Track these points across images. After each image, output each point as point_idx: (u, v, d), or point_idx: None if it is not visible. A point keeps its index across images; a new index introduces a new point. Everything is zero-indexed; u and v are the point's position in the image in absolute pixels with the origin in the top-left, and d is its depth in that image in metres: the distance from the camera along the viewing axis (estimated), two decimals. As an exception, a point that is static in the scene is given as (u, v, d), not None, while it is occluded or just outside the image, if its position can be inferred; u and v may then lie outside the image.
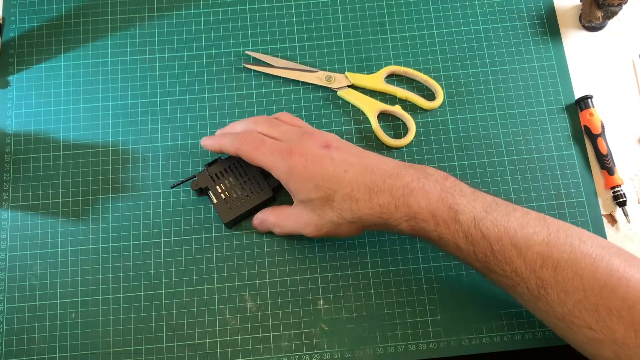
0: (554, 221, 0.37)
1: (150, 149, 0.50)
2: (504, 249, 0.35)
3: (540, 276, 0.34)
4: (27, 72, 0.52)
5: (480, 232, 0.36)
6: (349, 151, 0.40)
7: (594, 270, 0.33)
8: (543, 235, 0.35)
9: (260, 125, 0.43)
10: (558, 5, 0.54)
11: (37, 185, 0.48)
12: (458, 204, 0.37)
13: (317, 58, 0.52)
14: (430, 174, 0.39)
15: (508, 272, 0.36)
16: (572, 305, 0.33)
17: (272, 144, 0.41)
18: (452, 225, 0.37)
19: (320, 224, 0.41)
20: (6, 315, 0.45)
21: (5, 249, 0.47)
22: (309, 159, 0.39)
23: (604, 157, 0.48)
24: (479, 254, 0.37)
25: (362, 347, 0.45)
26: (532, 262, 0.35)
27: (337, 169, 0.39)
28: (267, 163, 0.41)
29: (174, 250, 0.47)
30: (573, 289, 0.33)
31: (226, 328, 0.45)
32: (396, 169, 0.39)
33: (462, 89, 0.51)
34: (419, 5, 0.54)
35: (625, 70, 0.52)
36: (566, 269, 0.34)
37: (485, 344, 0.45)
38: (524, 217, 0.37)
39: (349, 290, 0.46)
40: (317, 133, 0.42)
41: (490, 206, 0.37)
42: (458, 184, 0.39)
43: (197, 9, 0.54)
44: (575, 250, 0.34)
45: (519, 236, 0.35)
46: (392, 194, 0.38)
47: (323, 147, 0.40)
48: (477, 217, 0.36)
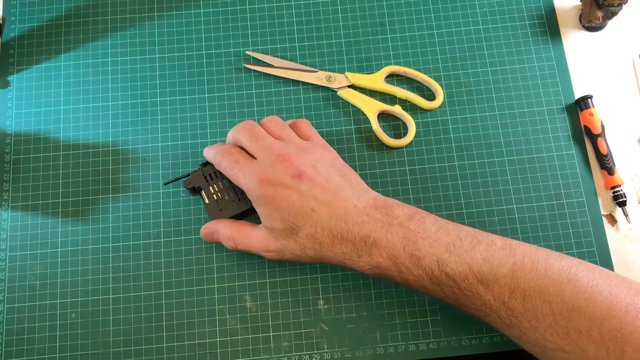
0: (519, 247, 0.37)
1: (150, 149, 0.50)
2: (471, 286, 0.36)
3: (509, 306, 0.35)
4: (27, 72, 0.52)
5: (444, 273, 0.36)
6: (321, 185, 0.39)
7: (561, 295, 0.34)
8: (509, 266, 0.35)
9: (243, 136, 0.42)
10: (558, 5, 0.54)
11: (37, 185, 0.48)
12: (420, 249, 0.37)
13: (317, 58, 0.52)
14: (395, 216, 0.38)
15: (478, 305, 0.36)
16: (543, 331, 0.34)
17: (244, 165, 0.41)
18: (415, 270, 0.37)
19: (282, 252, 0.41)
20: (6, 315, 0.45)
21: (5, 249, 0.47)
22: (277, 190, 0.39)
23: (604, 157, 0.49)
24: (447, 292, 0.37)
25: (362, 347, 0.45)
26: (500, 295, 0.35)
27: (304, 206, 0.38)
28: (241, 184, 0.41)
29: (174, 250, 0.47)
30: (543, 315, 0.34)
31: (226, 328, 0.45)
32: (362, 216, 0.38)
33: (462, 89, 0.51)
34: (419, 5, 0.54)
35: (625, 70, 0.52)
36: (534, 297, 0.34)
37: (485, 344, 0.45)
38: (488, 249, 0.36)
39: (349, 290, 0.46)
40: (291, 157, 0.40)
41: (454, 244, 0.37)
42: (422, 223, 0.38)
43: (197, 9, 0.54)
44: (542, 277, 0.34)
45: (484, 271, 0.35)
46: (355, 244, 0.38)
47: (295, 177, 0.39)
48: (440, 259, 0.36)
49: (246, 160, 0.41)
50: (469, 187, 0.49)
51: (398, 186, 0.49)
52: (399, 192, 0.48)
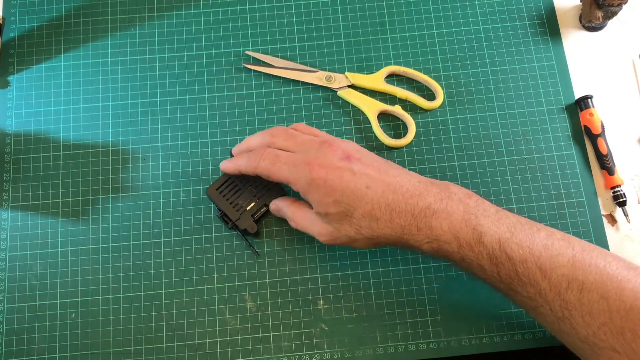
0: (578, 242, 0.36)
1: (150, 149, 0.50)
2: (529, 271, 0.35)
3: (565, 298, 0.34)
4: (27, 72, 0.52)
5: (504, 253, 0.35)
6: (370, 164, 0.39)
7: (620, 293, 0.33)
8: (568, 257, 0.35)
9: (277, 137, 0.42)
10: (558, 5, 0.54)
11: (37, 185, 0.48)
12: (482, 225, 0.36)
13: (317, 58, 0.52)
14: (453, 192, 0.38)
15: (532, 293, 0.35)
16: (596, 328, 0.33)
17: (288, 157, 0.40)
18: (476, 247, 0.36)
19: (335, 236, 0.40)
20: (6, 315, 0.45)
21: (5, 249, 0.47)
22: (329, 172, 0.38)
23: (604, 157, 0.48)
24: (503, 275, 0.36)
25: (362, 347, 0.45)
26: (557, 284, 0.34)
27: (358, 184, 0.38)
28: (286, 177, 0.40)
29: (174, 250, 0.47)
30: (598, 311, 0.33)
31: (226, 328, 0.45)
32: (419, 188, 0.38)
33: (462, 89, 0.51)
34: (419, 5, 0.54)
35: (625, 70, 0.52)
36: (592, 291, 0.33)
37: (485, 344, 0.45)
38: (548, 237, 0.36)
39: (349, 290, 0.46)
40: (336, 143, 0.40)
41: (515, 227, 0.36)
42: (482, 202, 0.38)
43: (197, 9, 0.54)
44: (601, 272, 0.34)
45: (543, 257, 0.35)
46: (414, 216, 0.37)
47: (344, 159, 0.39)
48: (502, 238, 0.36)
49: (287, 154, 0.40)
50: (469, 187, 0.48)
51: (398, 186, 0.48)
52: (399, 192, 0.48)
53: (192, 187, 0.48)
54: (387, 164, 0.40)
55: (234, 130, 0.50)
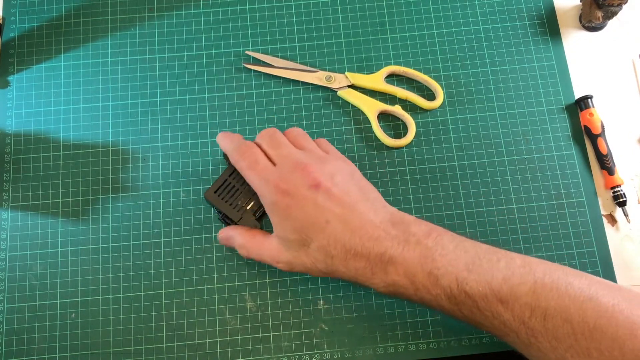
0: (539, 265, 0.36)
1: (150, 149, 0.50)
2: (490, 305, 0.35)
3: (529, 326, 0.34)
4: (27, 72, 0.52)
5: (463, 292, 0.35)
6: (338, 197, 0.38)
7: (583, 314, 0.33)
8: (529, 285, 0.35)
9: (263, 139, 0.42)
10: (558, 5, 0.54)
11: (37, 185, 0.48)
12: (439, 268, 0.36)
13: (317, 58, 0.52)
14: (412, 233, 0.38)
15: (497, 325, 0.35)
16: (564, 351, 0.33)
17: (264, 168, 0.40)
18: (433, 290, 0.36)
19: (293, 264, 0.40)
20: (6, 315, 0.45)
21: (5, 249, 0.47)
22: (293, 199, 0.38)
23: (604, 157, 0.49)
24: (465, 312, 0.36)
25: (362, 347, 0.45)
26: (520, 314, 0.34)
27: (319, 218, 0.37)
28: (256, 187, 0.40)
29: (174, 250, 0.47)
30: (563, 335, 0.33)
31: (226, 328, 0.45)
32: (378, 231, 0.38)
33: (462, 89, 0.51)
34: (419, 5, 0.54)
35: (625, 70, 0.52)
36: (555, 317, 0.33)
37: (485, 344, 0.45)
38: (508, 267, 0.36)
39: (349, 290, 0.46)
40: (312, 167, 0.39)
41: (474, 262, 0.36)
42: (440, 239, 0.37)
43: (197, 9, 0.54)
44: (563, 296, 0.34)
45: (504, 290, 0.35)
46: (369, 260, 0.37)
47: (312, 187, 0.38)
48: (459, 277, 0.36)
49: (266, 164, 0.40)
50: (469, 187, 0.49)
51: (398, 186, 0.49)
52: (399, 192, 0.48)
53: (192, 187, 0.48)
54: (359, 194, 0.39)
55: (234, 130, 0.50)
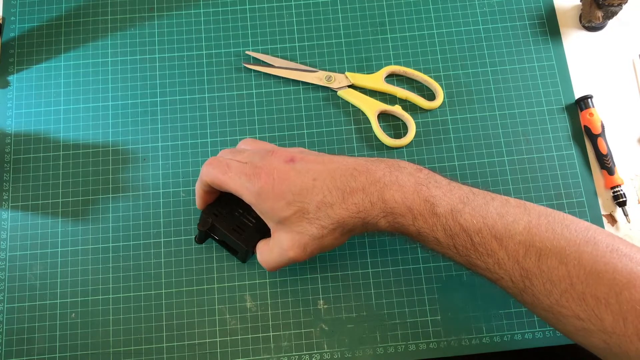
0: (534, 207, 0.36)
1: (150, 149, 0.50)
2: (485, 241, 0.35)
3: (524, 266, 0.33)
4: (27, 72, 0.52)
5: (458, 224, 0.35)
6: (314, 160, 0.39)
7: (579, 257, 0.32)
8: (524, 223, 0.34)
9: (225, 154, 0.42)
10: (558, 5, 0.54)
11: (37, 185, 0.48)
12: (434, 196, 0.36)
13: (317, 58, 0.52)
14: (402, 166, 0.38)
15: (490, 264, 0.35)
16: (558, 295, 0.32)
17: (238, 166, 0.39)
18: (430, 218, 0.36)
19: (303, 242, 0.38)
20: (6, 315, 0.45)
21: (5, 249, 0.47)
22: (275, 177, 0.38)
23: (604, 157, 0.49)
24: (460, 247, 0.36)
25: (362, 347, 0.45)
26: (514, 252, 0.34)
27: (305, 180, 0.38)
28: (236, 187, 0.39)
29: (174, 250, 0.47)
30: (558, 278, 0.32)
31: (226, 328, 0.45)
32: (366, 165, 0.38)
33: (462, 89, 0.51)
34: (419, 5, 0.54)
35: (625, 70, 0.52)
36: (550, 257, 0.33)
37: (485, 344, 0.45)
38: (503, 205, 0.36)
39: (349, 290, 0.46)
40: (280, 149, 0.40)
41: (468, 197, 0.36)
42: (432, 175, 0.38)
43: (197, 9, 0.54)
44: (559, 237, 0.33)
45: (498, 226, 0.34)
46: (365, 191, 0.37)
47: (287, 162, 0.39)
48: (455, 209, 0.35)
49: (237, 163, 0.40)
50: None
51: (398, 186, 0.48)
52: (399, 192, 0.48)
53: (192, 187, 0.48)
54: (332, 155, 0.40)
55: (234, 130, 0.50)
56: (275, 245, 0.40)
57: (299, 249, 0.39)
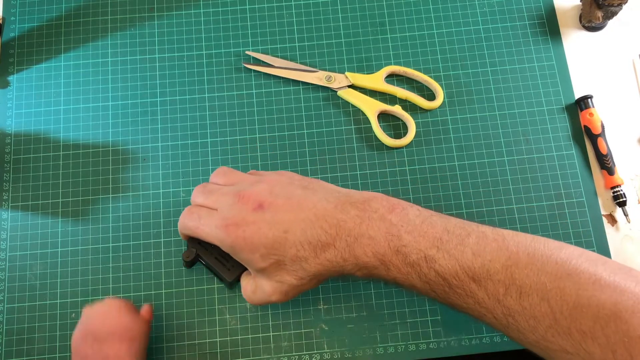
0: (513, 239, 0.34)
1: (150, 149, 0.50)
2: (462, 283, 0.34)
3: (505, 305, 0.33)
4: (27, 72, 0.52)
5: (433, 271, 0.34)
6: (284, 205, 0.37)
7: (561, 292, 0.31)
8: (502, 261, 0.33)
9: (197, 198, 0.41)
10: (558, 5, 0.54)
11: (37, 185, 0.48)
12: (405, 245, 0.35)
13: (317, 58, 0.52)
14: (374, 210, 0.36)
15: (471, 304, 0.34)
16: (543, 331, 0.32)
17: (207, 217, 0.39)
18: (403, 268, 0.35)
19: (283, 290, 0.38)
20: (6, 315, 0.45)
21: (5, 249, 0.47)
22: (245, 230, 0.37)
23: (604, 157, 0.49)
24: (438, 291, 0.35)
25: (362, 347, 0.45)
26: (494, 292, 0.33)
27: (276, 233, 0.36)
28: (211, 239, 0.39)
29: (174, 250, 0.47)
30: (542, 314, 0.31)
31: (226, 328, 0.45)
32: (335, 215, 0.36)
33: (462, 89, 0.51)
34: (419, 5, 0.54)
35: (625, 70, 0.52)
36: (531, 295, 0.32)
37: (485, 344, 0.45)
38: (479, 242, 0.34)
39: (349, 290, 0.46)
40: (248, 192, 0.38)
41: (442, 238, 0.35)
42: (405, 215, 0.36)
43: (197, 9, 0.54)
44: (539, 273, 0.32)
45: (476, 267, 0.33)
46: (336, 247, 0.36)
47: (256, 210, 0.37)
48: (428, 256, 0.34)
49: (207, 213, 0.39)
50: (469, 187, 0.49)
51: (398, 186, 0.49)
52: (399, 192, 0.48)
53: (192, 187, 0.48)
54: (304, 192, 0.39)
55: (234, 130, 0.50)
56: (257, 289, 0.40)
57: (281, 295, 0.39)
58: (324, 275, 0.38)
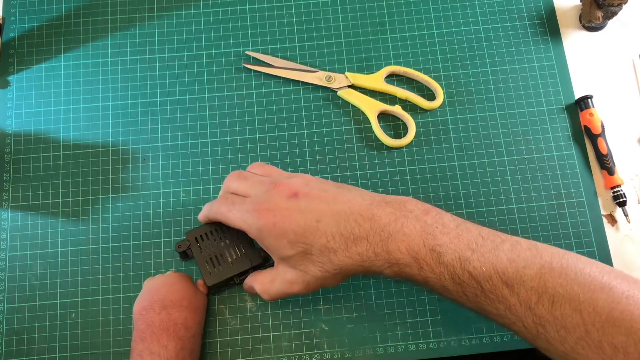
0: (546, 249, 0.34)
1: (150, 149, 0.50)
2: (495, 288, 0.33)
3: (536, 313, 0.32)
4: (27, 72, 0.52)
5: (467, 272, 0.34)
6: (319, 196, 0.37)
7: (594, 304, 0.31)
8: (536, 269, 0.33)
9: (231, 182, 0.41)
10: (558, 5, 0.54)
11: (37, 185, 0.48)
12: (441, 245, 0.35)
13: (317, 58, 0.52)
14: (409, 210, 0.36)
15: (502, 310, 0.34)
16: (573, 343, 0.31)
17: (241, 204, 0.39)
18: (437, 268, 0.35)
19: (306, 280, 0.38)
20: (6, 315, 0.45)
21: (5, 249, 0.47)
22: (277, 215, 0.37)
23: (604, 157, 0.49)
24: (469, 294, 0.34)
25: (362, 347, 0.45)
26: (526, 299, 0.33)
27: (308, 221, 0.36)
28: (240, 224, 0.39)
29: (174, 250, 0.47)
30: (573, 325, 0.31)
31: (226, 328, 0.45)
32: (371, 211, 0.36)
33: (462, 89, 0.51)
34: (419, 5, 0.54)
35: (625, 70, 0.52)
36: (563, 305, 0.31)
37: (485, 344, 0.45)
38: (513, 249, 0.34)
39: (349, 290, 0.46)
40: (284, 181, 0.39)
41: (477, 242, 0.35)
42: (440, 218, 0.36)
43: (197, 9, 0.54)
44: (572, 283, 0.32)
45: (509, 272, 0.33)
46: (369, 241, 0.35)
47: (291, 197, 0.37)
48: (463, 257, 0.34)
49: (241, 199, 0.39)
50: (469, 187, 0.49)
51: (398, 186, 0.49)
52: (399, 192, 0.48)
53: (192, 187, 0.48)
54: (339, 189, 0.39)
55: (234, 130, 0.50)
56: (278, 277, 0.39)
57: (302, 285, 0.38)
58: (349, 271, 0.37)
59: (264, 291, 0.40)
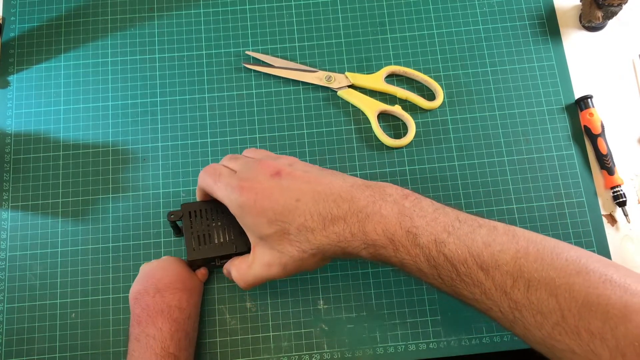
0: (523, 234, 0.34)
1: (150, 149, 0.50)
2: (470, 271, 0.33)
3: (512, 298, 0.32)
4: (27, 72, 0.52)
5: (442, 255, 0.34)
6: (301, 176, 0.38)
7: (570, 289, 0.30)
8: (512, 253, 0.33)
9: (224, 161, 0.42)
10: (558, 5, 0.54)
11: (37, 185, 0.48)
12: (417, 227, 0.35)
13: (317, 58, 0.52)
14: (388, 194, 0.37)
15: (477, 295, 0.34)
16: (550, 328, 0.31)
17: (228, 176, 0.39)
18: (412, 249, 0.35)
19: (283, 262, 0.38)
20: (6, 315, 0.45)
21: (5, 249, 0.47)
22: (258, 192, 0.37)
23: (604, 157, 0.49)
24: (445, 277, 0.34)
25: (362, 347, 0.45)
26: (501, 283, 0.32)
27: (288, 200, 0.36)
28: (222, 197, 0.39)
29: (174, 250, 0.47)
30: (549, 310, 0.31)
31: (226, 328, 0.45)
32: (351, 192, 0.36)
33: (462, 89, 0.51)
34: (419, 5, 0.54)
35: (625, 70, 0.52)
36: (539, 289, 0.31)
37: (485, 344, 0.45)
38: (490, 233, 0.34)
39: (349, 290, 0.46)
40: (269, 160, 0.39)
41: (453, 225, 0.35)
42: (418, 202, 0.36)
43: (197, 9, 0.54)
44: (548, 267, 0.31)
45: (484, 256, 0.33)
46: (347, 221, 0.36)
47: (273, 176, 0.38)
48: (438, 239, 0.34)
49: (228, 172, 0.40)
50: (469, 187, 0.49)
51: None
52: (399, 192, 0.48)
53: (192, 187, 0.48)
54: (321, 172, 0.39)
55: (234, 130, 0.50)
56: (255, 261, 0.39)
57: (279, 267, 0.38)
58: (327, 252, 0.37)
59: (240, 278, 0.40)
